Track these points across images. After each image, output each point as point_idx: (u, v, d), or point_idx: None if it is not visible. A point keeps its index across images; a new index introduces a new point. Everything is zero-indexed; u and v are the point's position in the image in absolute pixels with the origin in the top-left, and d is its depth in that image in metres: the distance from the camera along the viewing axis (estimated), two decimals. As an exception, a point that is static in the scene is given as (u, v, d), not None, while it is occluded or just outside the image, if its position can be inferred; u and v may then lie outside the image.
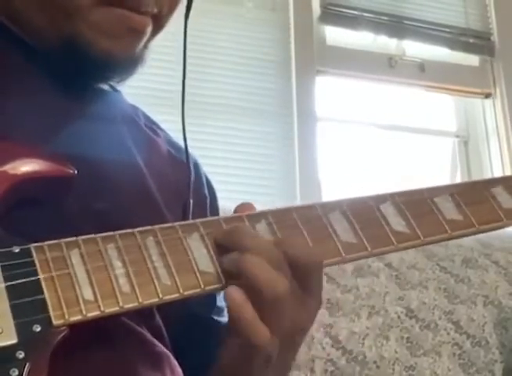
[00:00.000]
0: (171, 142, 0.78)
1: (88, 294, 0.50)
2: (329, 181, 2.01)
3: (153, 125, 0.78)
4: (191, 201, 0.71)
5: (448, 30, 2.20)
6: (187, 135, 0.79)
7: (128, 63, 0.67)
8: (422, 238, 0.61)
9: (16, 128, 0.59)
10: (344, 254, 0.58)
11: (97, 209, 0.60)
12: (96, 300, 0.50)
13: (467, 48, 2.22)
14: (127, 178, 0.65)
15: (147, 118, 0.79)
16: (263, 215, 0.58)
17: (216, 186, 0.83)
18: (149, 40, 0.68)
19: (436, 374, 1.50)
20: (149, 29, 0.66)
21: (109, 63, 0.65)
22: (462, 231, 0.63)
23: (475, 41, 2.22)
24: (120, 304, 0.50)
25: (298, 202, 1.90)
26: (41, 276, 0.50)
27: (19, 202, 0.56)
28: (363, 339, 1.48)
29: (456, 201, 0.64)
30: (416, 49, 2.21)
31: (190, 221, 0.57)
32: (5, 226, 0.53)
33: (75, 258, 0.51)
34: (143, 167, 0.69)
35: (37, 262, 0.50)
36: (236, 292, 0.50)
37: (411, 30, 2.16)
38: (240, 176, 1.85)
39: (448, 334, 1.52)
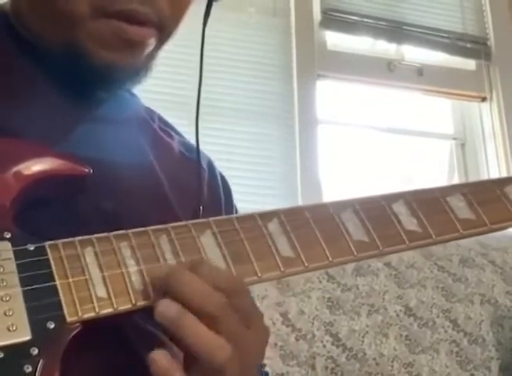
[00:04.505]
0: (185, 145, 0.78)
1: (101, 291, 0.50)
2: (329, 182, 2.02)
3: (168, 128, 0.78)
4: (201, 208, 0.70)
5: (445, 35, 2.21)
6: (190, 137, 0.79)
7: (130, 74, 0.66)
8: (434, 237, 0.60)
9: (26, 129, 0.60)
10: (355, 253, 0.57)
11: (107, 209, 0.60)
12: (109, 297, 0.50)
13: (464, 52, 2.23)
14: (139, 178, 0.65)
15: (163, 121, 0.79)
16: (275, 213, 0.58)
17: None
18: (155, 49, 0.67)
19: (434, 371, 1.51)
20: (151, 40, 0.65)
21: (111, 73, 0.64)
22: (474, 230, 0.62)
23: (472, 45, 2.23)
24: (133, 301, 0.50)
25: (299, 203, 1.92)
26: (55, 274, 0.50)
27: (34, 201, 0.56)
28: (363, 337, 1.50)
29: (468, 200, 0.63)
30: (414, 54, 2.22)
31: (203, 219, 0.57)
32: (19, 225, 0.53)
33: (89, 256, 0.51)
34: (157, 168, 0.69)
35: (51, 261, 0.51)
36: (161, 360, 0.48)
37: (410, 35, 2.17)
38: (242, 178, 1.84)
39: (445, 331, 1.53)
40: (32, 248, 0.51)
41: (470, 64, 2.27)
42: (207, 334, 0.48)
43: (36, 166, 0.56)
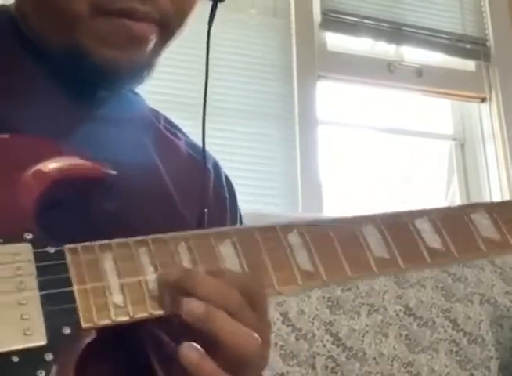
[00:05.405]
0: (191, 145, 0.77)
1: (118, 298, 0.49)
2: (330, 183, 2.03)
3: (173, 129, 0.78)
4: (206, 211, 0.69)
5: (445, 36, 2.22)
6: (191, 138, 0.79)
7: (133, 71, 0.66)
8: (457, 256, 0.59)
9: (29, 129, 0.59)
10: (376, 270, 0.57)
11: (110, 209, 0.60)
12: (126, 305, 0.49)
13: (464, 53, 2.24)
14: (143, 178, 0.65)
15: (168, 122, 0.78)
16: (296, 225, 0.57)
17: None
18: (157, 47, 0.66)
19: (433, 371, 1.52)
20: (152, 36, 0.64)
21: (113, 71, 0.64)
22: (498, 250, 0.61)
23: (472, 46, 2.24)
24: (150, 310, 0.50)
25: (300, 204, 1.93)
26: (73, 279, 0.50)
27: (55, 201, 0.56)
28: (363, 336, 1.51)
29: (493, 219, 0.62)
30: (414, 55, 2.23)
31: (223, 228, 0.57)
32: (41, 225, 0.53)
33: (107, 261, 0.51)
34: (161, 168, 0.69)
35: (70, 265, 0.50)
36: (191, 351, 0.47)
37: (409, 36, 2.17)
38: (242, 178, 1.84)
39: (445, 331, 1.54)
40: (52, 251, 0.51)
41: (469, 65, 2.28)
42: (239, 326, 0.48)
43: (58, 166, 0.56)
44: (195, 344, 0.48)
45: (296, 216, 1.84)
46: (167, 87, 1.85)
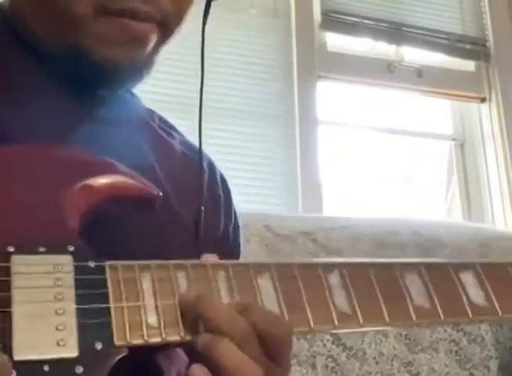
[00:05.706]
0: (186, 144, 0.77)
1: (152, 319, 0.49)
2: (330, 183, 2.03)
3: (168, 128, 0.78)
4: (202, 208, 0.70)
5: (445, 36, 2.22)
6: (191, 139, 0.79)
7: (133, 70, 0.66)
8: (500, 313, 0.58)
9: (27, 130, 0.59)
10: (415, 319, 0.56)
11: (108, 210, 0.59)
12: (159, 327, 0.49)
13: (464, 54, 2.25)
14: None
15: (163, 122, 0.78)
16: (338, 265, 0.57)
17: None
18: (157, 45, 0.66)
19: (433, 370, 1.52)
20: (153, 36, 0.65)
21: (114, 70, 0.64)
22: None
23: (471, 47, 2.25)
24: (182, 334, 0.50)
25: (300, 204, 1.93)
26: (111, 296, 0.50)
27: (98, 216, 0.56)
28: (363, 336, 1.51)
29: None
30: (414, 55, 2.23)
31: (263, 261, 0.56)
32: (82, 238, 0.53)
33: (146, 281, 0.51)
34: (158, 169, 0.69)
35: (109, 282, 0.50)
36: (198, 373, 0.48)
37: (409, 36, 2.18)
38: (242, 178, 1.85)
39: (445, 331, 1.54)
40: (92, 266, 0.51)
41: (469, 65, 2.28)
42: (241, 356, 0.48)
43: (109, 184, 0.57)
44: (203, 367, 0.48)
45: (296, 216, 1.84)
46: (164, 87, 1.85)
